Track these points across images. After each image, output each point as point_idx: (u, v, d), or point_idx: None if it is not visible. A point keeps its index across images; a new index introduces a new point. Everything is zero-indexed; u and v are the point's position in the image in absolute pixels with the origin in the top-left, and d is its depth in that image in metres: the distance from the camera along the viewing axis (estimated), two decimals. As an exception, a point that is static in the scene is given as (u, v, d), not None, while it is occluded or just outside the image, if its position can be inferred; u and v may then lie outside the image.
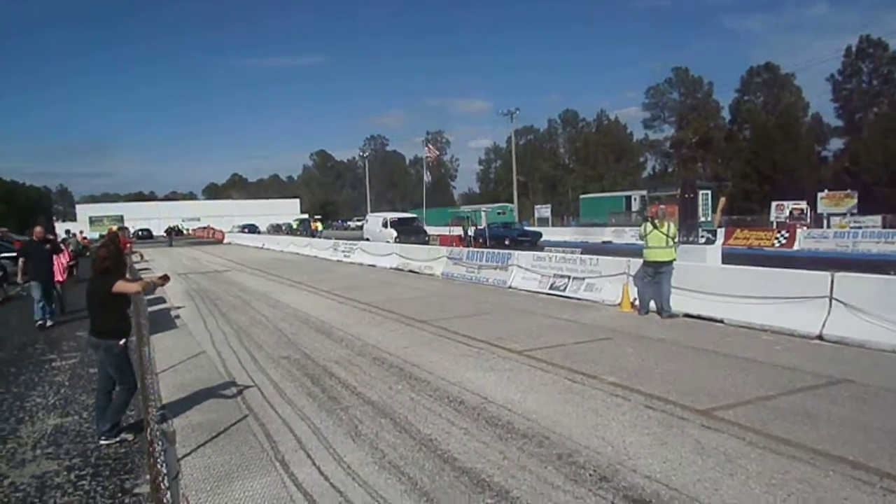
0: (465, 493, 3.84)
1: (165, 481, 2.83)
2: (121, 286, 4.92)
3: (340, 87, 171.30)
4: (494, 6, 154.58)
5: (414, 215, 39.31)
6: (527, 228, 38.32)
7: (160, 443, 3.76)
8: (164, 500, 2.71)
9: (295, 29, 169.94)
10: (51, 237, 12.36)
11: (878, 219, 30.59)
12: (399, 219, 34.68)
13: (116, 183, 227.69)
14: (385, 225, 32.42)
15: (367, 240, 30.38)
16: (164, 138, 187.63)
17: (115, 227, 42.10)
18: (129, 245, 25.00)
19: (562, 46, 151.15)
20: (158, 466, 3.00)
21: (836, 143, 56.51)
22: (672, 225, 9.95)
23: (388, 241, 26.74)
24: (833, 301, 7.94)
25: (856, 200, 33.76)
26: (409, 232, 30.88)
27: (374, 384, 6.43)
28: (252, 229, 66.03)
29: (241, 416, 5.50)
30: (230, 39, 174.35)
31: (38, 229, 11.23)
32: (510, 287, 14.04)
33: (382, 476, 4.14)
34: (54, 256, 11.57)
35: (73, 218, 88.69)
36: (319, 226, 51.60)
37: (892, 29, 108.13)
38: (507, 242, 30.10)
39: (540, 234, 34.99)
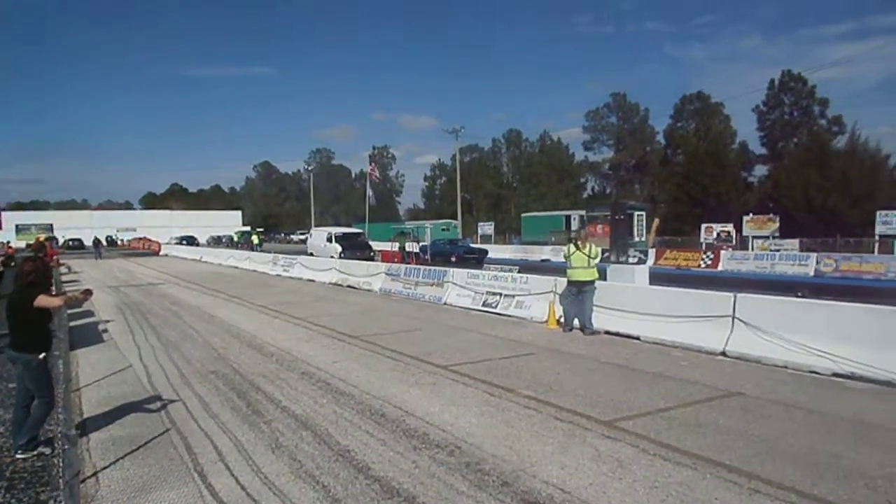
0: (374, 500, 4.08)
1: (63, 479, 2.99)
2: (43, 300, 4.95)
3: (288, 99, 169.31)
4: (443, 27, 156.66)
5: (360, 230, 38.98)
6: (473, 246, 38.03)
7: (62, 444, 3.88)
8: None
9: (246, 40, 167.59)
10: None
11: (795, 242, 32.50)
12: (344, 234, 34.39)
13: (47, 190, 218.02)
14: (330, 240, 32.03)
15: (311, 254, 30.06)
16: (101, 145, 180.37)
17: (42, 237, 40.35)
18: (56, 257, 24.10)
19: (508, 68, 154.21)
20: (60, 469, 3.15)
21: (761, 170, 59.73)
22: (593, 246, 10.49)
23: (332, 256, 26.49)
24: (735, 320, 8.59)
25: (777, 224, 35.80)
26: (354, 247, 30.54)
27: (300, 398, 6.59)
28: (190, 241, 64.29)
29: (164, 430, 5.57)
30: (178, 49, 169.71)
31: None
32: (445, 304, 14.37)
33: (298, 485, 4.33)
34: None
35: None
36: (256, 239, 50.35)
37: (818, 63, 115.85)
38: (453, 259, 29.74)
39: (486, 252, 34.37)
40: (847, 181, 40.59)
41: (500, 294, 13.01)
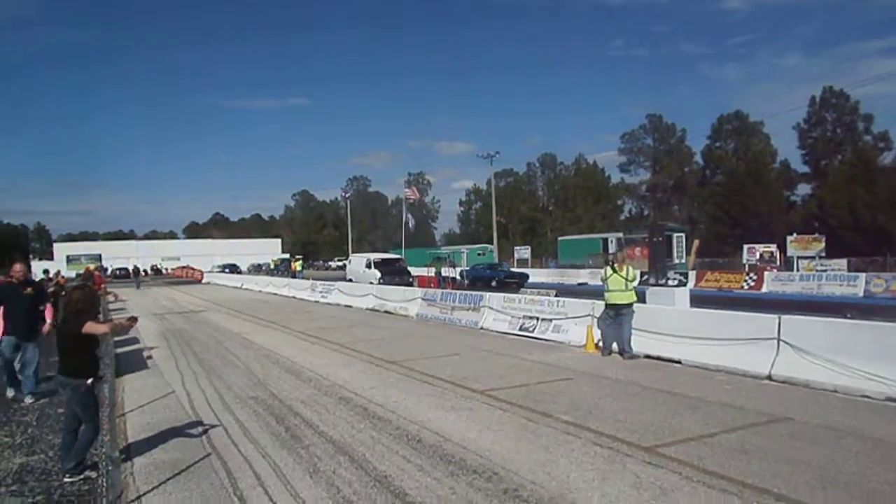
0: (411, 526, 4.06)
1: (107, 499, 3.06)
2: (90, 327, 5.12)
3: (324, 128, 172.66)
4: (477, 51, 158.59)
5: (398, 256, 39.19)
6: (513, 270, 37.66)
7: (106, 465, 3.99)
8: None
9: (281, 72, 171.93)
10: (34, 280, 9.41)
11: (843, 262, 31.45)
12: (383, 259, 34.74)
13: (95, 221, 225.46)
14: (369, 266, 32.40)
15: (351, 280, 30.32)
16: (146, 177, 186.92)
17: (92, 266, 41.76)
18: (103, 285, 24.89)
19: (543, 91, 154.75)
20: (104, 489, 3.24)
21: (804, 189, 58.40)
22: (631, 269, 10.36)
23: (371, 283, 26.67)
24: (781, 342, 8.33)
25: (823, 244, 34.75)
26: (393, 272, 30.82)
27: (337, 423, 6.62)
28: (234, 269, 65.55)
29: (205, 455, 5.66)
30: (217, 81, 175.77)
31: (17, 267, 8.59)
32: (482, 328, 14.32)
33: (335, 510, 4.34)
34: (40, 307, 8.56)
35: (51, 257, 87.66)
36: (298, 266, 51.52)
37: (858, 79, 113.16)
38: (493, 284, 29.61)
39: (527, 276, 33.88)
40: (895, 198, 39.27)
41: (538, 318, 12.91)
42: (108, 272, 46.33)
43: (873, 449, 5.35)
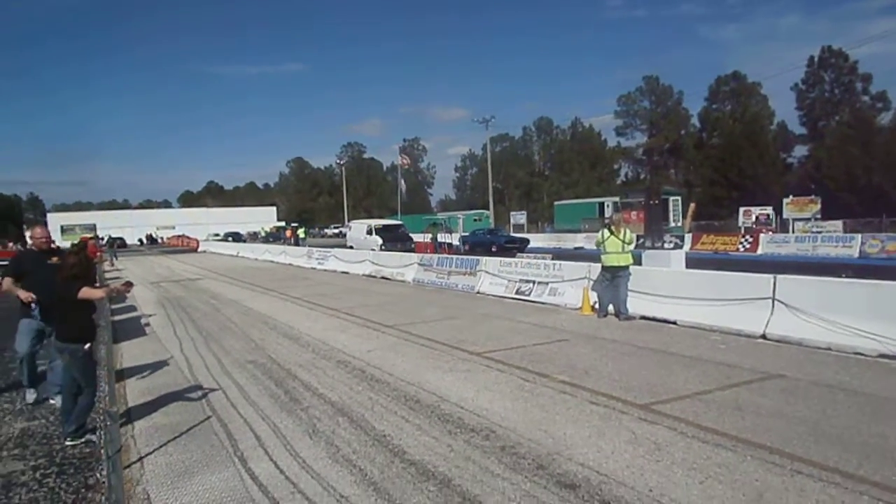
0: (410, 482, 4.12)
1: (107, 453, 3.10)
2: (86, 292, 5.10)
3: (318, 95, 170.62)
4: (472, 15, 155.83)
5: (400, 222, 38.72)
6: (514, 235, 37.22)
7: (104, 420, 4.03)
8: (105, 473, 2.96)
9: (277, 37, 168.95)
10: (58, 248, 7.20)
11: (839, 224, 31.55)
12: (384, 226, 34.38)
13: (89, 191, 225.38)
14: (370, 232, 32.08)
15: (351, 247, 30.01)
16: (140, 146, 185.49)
17: (89, 236, 41.48)
18: (98, 253, 24.84)
19: (538, 55, 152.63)
20: (102, 442, 3.29)
21: (801, 150, 58.16)
22: (628, 231, 10.36)
23: (373, 249, 26.33)
24: (775, 302, 8.38)
25: (819, 206, 34.80)
26: (394, 239, 30.49)
27: (336, 386, 6.68)
28: (237, 237, 64.56)
29: (205, 418, 5.71)
30: (210, 46, 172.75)
31: (38, 231, 6.86)
32: (478, 292, 14.36)
33: (335, 469, 4.40)
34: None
35: (45, 227, 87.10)
36: (302, 233, 50.66)
37: (858, 38, 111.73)
38: (493, 249, 29.08)
39: (527, 241, 33.41)
40: (893, 159, 39.14)
41: (534, 282, 12.94)
42: (105, 242, 46.04)
43: (865, 404, 5.42)
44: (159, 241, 77.85)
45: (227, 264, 31.47)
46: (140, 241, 57.95)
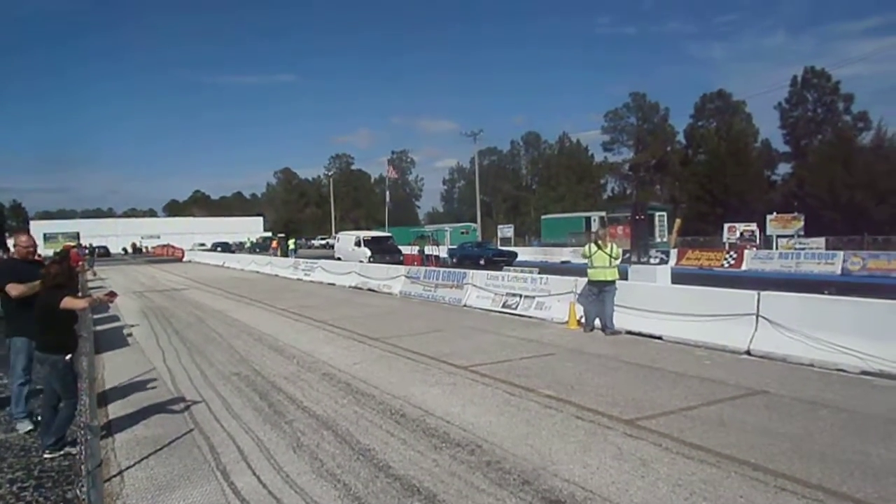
0: (395, 498, 4.09)
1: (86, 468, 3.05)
2: (69, 302, 5.04)
3: (307, 106, 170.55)
4: (461, 27, 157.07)
5: (388, 234, 38.50)
6: (502, 248, 37.14)
7: (84, 435, 3.96)
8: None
9: (266, 47, 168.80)
10: (41, 260, 6.82)
11: (821, 241, 31.88)
12: (373, 238, 34.00)
13: (73, 199, 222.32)
14: (358, 244, 31.67)
15: (339, 259, 29.71)
16: (126, 154, 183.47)
17: (72, 244, 40.94)
18: (81, 262, 24.53)
19: (527, 69, 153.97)
20: (82, 457, 3.23)
21: (785, 168, 58.93)
22: (615, 246, 10.41)
23: (361, 261, 26.02)
24: (760, 318, 8.45)
25: (802, 223, 35.19)
26: (383, 251, 30.14)
27: (321, 399, 6.62)
28: (225, 248, 63.76)
29: (187, 430, 5.63)
30: (199, 56, 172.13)
31: (24, 239, 6.21)
32: (465, 305, 14.35)
33: (319, 483, 4.35)
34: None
35: (30, 235, 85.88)
36: (292, 245, 50.08)
37: (842, 59, 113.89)
38: (482, 262, 28.98)
39: (515, 254, 33.39)
40: (873, 178, 39.80)
41: (520, 295, 12.96)
42: (89, 251, 45.51)
43: (848, 420, 5.47)
44: (144, 250, 77.06)
45: (212, 274, 31.21)
46: (124, 249, 57.56)
